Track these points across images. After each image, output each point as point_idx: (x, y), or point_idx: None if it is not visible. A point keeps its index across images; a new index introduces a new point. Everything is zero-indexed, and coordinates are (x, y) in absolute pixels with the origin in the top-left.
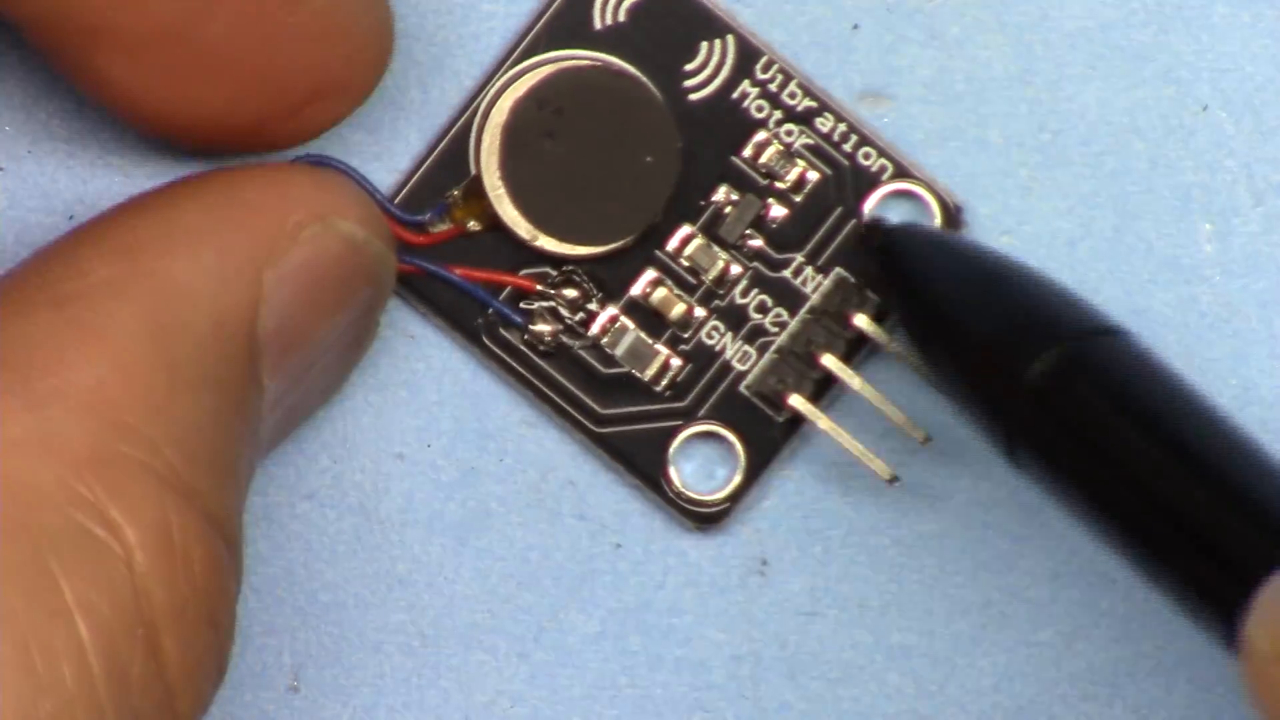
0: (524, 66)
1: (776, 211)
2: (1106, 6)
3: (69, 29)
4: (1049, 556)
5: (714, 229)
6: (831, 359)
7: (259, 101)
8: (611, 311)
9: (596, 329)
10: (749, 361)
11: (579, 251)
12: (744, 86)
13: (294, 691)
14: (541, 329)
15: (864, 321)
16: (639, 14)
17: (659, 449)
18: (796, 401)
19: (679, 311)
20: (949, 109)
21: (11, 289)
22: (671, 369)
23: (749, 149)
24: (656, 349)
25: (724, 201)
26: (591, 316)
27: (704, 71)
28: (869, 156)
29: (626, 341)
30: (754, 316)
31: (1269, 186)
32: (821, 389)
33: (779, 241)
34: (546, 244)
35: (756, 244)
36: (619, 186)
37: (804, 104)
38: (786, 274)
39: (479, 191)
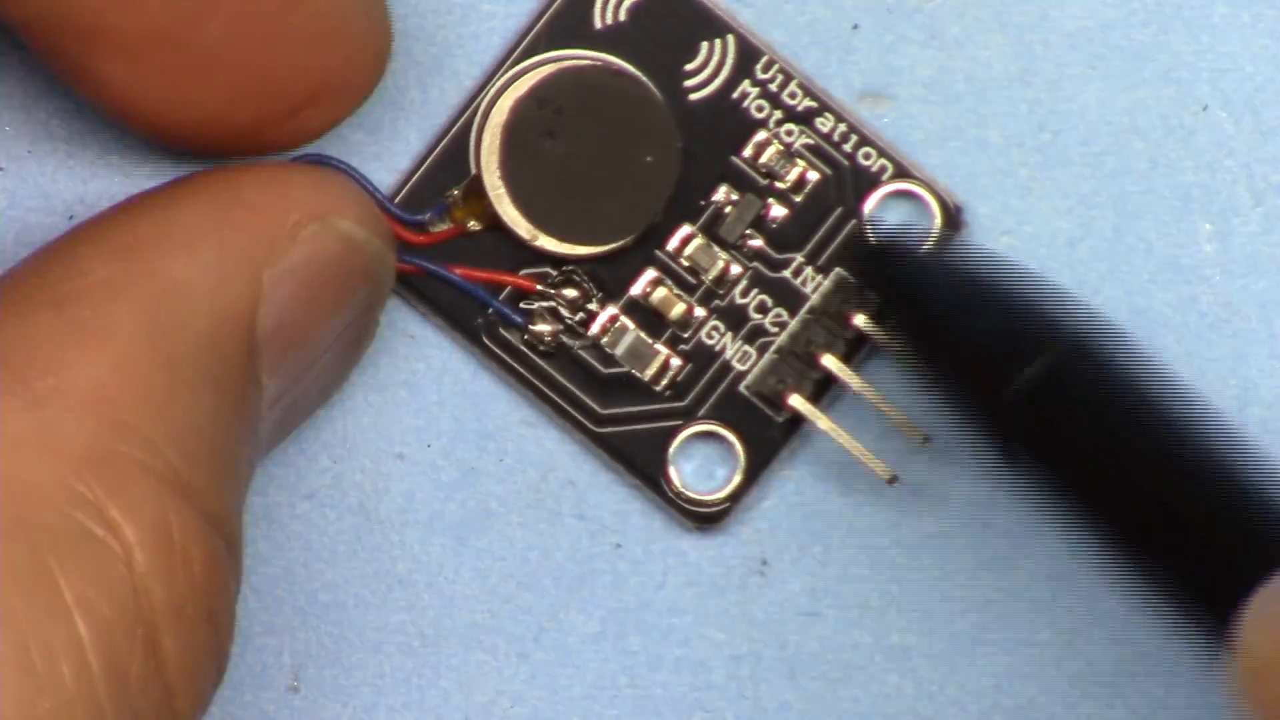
0: (524, 66)
1: (776, 211)
2: (1106, 6)
3: (65, 30)
4: (1049, 556)
5: (714, 229)
6: (831, 359)
7: (257, 103)
8: (611, 311)
9: (596, 329)
10: (749, 361)
11: (579, 251)
12: (744, 86)
13: (294, 691)
14: (541, 329)
15: (864, 321)
16: (639, 14)
17: (659, 449)
18: (796, 401)
19: (679, 311)
20: (949, 109)
21: (11, 289)
22: (671, 369)
23: (749, 149)
24: (656, 349)
25: (724, 201)
26: (591, 316)
27: (704, 71)
28: (869, 156)
29: (626, 341)
30: (754, 316)
31: (1269, 186)
32: (821, 389)
33: (779, 241)
34: (546, 244)
35: (756, 244)
36: (619, 186)
37: (804, 104)
38: (786, 274)
39: (479, 191)
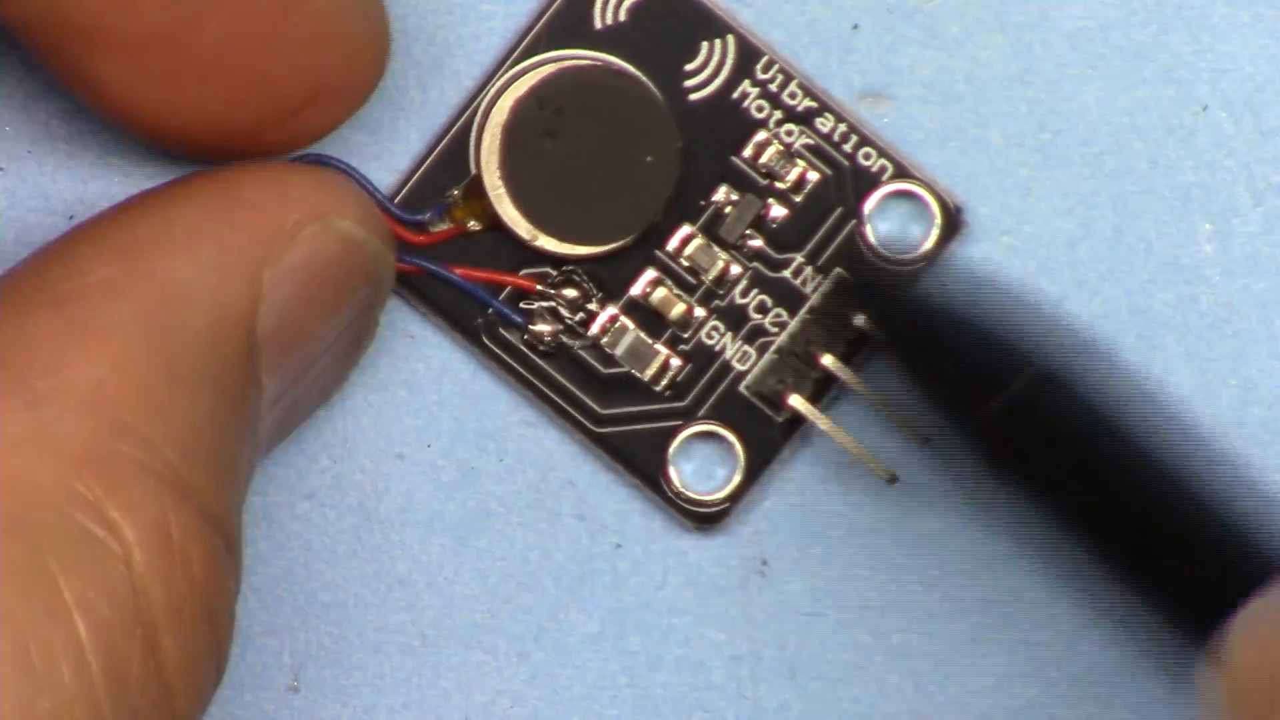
0: (524, 66)
1: (776, 211)
2: (1106, 6)
3: (64, 32)
4: (1049, 557)
5: (714, 229)
6: (831, 359)
7: (255, 105)
8: (611, 311)
9: (596, 329)
10: (749, 361)
11: (579, 251)
12: (744, 86)
13: (294, 691)
14: (541, 329)
15: (864, 322)
16: (639, 14)
17: (659, 449)
18: (796, 401)
19: (679, 311)
20: (949, 109)
21: (11, 288)
22: (671, 369)
23: (749, 149)
24: (656, 349)
25: (724, 201)
26: (591, 316)
27: (704, 71)
28: (869, 156)
29: (626, 341)
30: (754, 316)
31: (1269, 186)
32: (821, 389)
33: (779, 241)
34: (546, 244)
35: (756, 244)
36: (619, 186)
37: (804, 104)
38: (786, 274)
39: (479, 191)
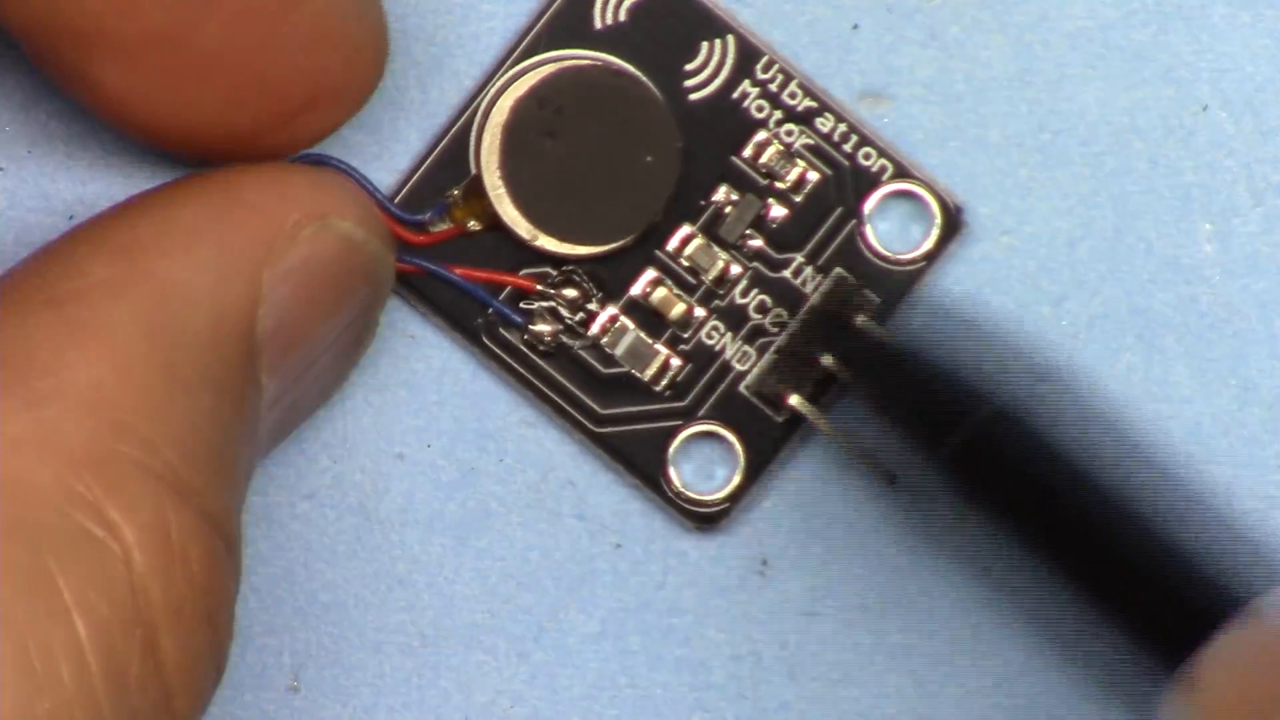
0: (524, 66)
1: (776, 211)
2: (1106, 6)
3: (62, 34)
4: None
5: (714, 229)
6: (798, 399)
7: (254, 108)
8: (611, 311)
9: (596, 329)
10: (749, 361)
11: (579, 251)
12: (744, 86)
13: (294, 691)
14: (541, 329)
15: (864, 321)
16: (639, 14)
17: (659, 449)
18: (796, 401)
19: (679, 311)
20: (949, 109)
21: (10, 289)
22: (671, 369)
23: (749, 149)
24: (656, 349)
25: (724, 201)
26: (591, 316)
27: (704, 71)
28: (869, 156)
29: (626, 341)
30: (754, 316)
31: (1269, 186)
32: (821, 389)
33: (779, 241)
34: (546, 244)
35: (756, 244)
36: (619, 186)
37: (804, 104)
38: (786, 274)
39: (479, 191)
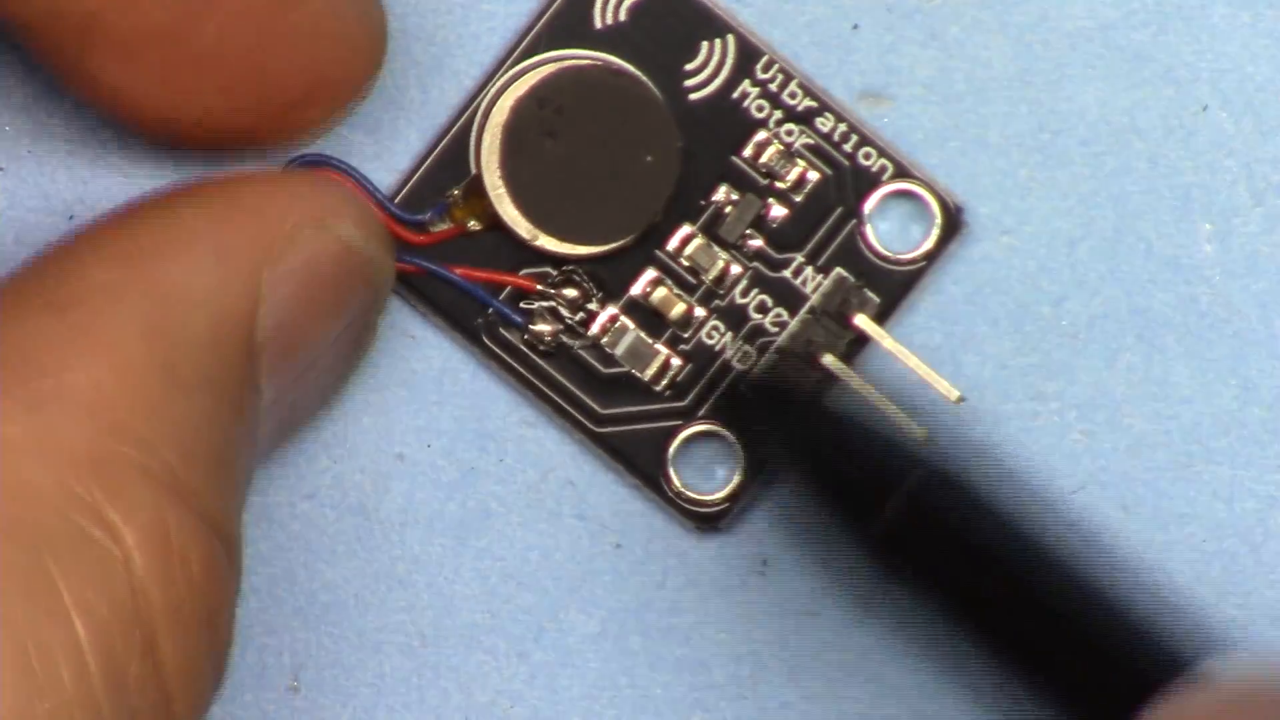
0: (524, 66)
1: (776, 211)
2: (1106, 6)
3: (62, 30)
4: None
5: (714, 229)
6: (831, 359)
7: (253, 101)
8: (611, 311)
9: (596, 329)
10: (749, 362)
11: (579, 251)
12: (744, 86)
13: (294, 691)
14: (541, 329)
15: (864, 321)
16: (639, 14)
17: (659, 449)
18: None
19: (679, 311)
20: (949, 109)
21: (11, 292)
22: (671, 369)
23: (749, 149)
24: (656, 349)
25: (724, 201)
26: (591, 316)
27: (704, 71)
28: (869, 156)
29: (626, 341)
30: (754, 316)
31: (1269, 186)
32: (822, 389)
33: (779, 241)
34: (546, 244)
35: (756, 244)
36: (619, 186)
37: (804, 104)
38: (786, 274)
39: (479, 191)
